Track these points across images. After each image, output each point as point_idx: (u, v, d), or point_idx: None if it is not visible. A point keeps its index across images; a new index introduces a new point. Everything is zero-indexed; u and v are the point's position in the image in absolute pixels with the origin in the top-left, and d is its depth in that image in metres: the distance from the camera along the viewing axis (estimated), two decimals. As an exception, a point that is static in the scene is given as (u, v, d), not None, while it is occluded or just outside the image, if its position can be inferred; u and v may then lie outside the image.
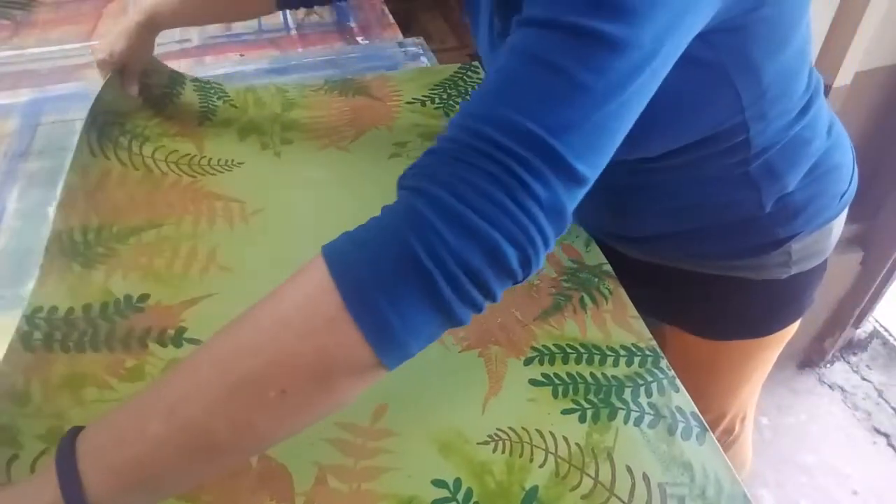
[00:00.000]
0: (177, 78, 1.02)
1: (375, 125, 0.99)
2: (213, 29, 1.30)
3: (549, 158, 0.39)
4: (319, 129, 0.98)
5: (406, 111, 1.02)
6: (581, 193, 0.43)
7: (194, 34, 1.28)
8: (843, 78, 1.28)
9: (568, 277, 0.77)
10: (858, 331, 1.95)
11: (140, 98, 0.95)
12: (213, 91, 1.03)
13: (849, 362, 1.96)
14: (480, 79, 1.11)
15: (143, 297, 0.72)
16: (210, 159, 0.91)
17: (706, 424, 0.64)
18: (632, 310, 0.74)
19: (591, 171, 0.42)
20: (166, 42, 1.25)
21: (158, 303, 0.71)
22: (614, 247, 0.84)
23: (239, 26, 1.32)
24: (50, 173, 0.90)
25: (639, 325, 0.72)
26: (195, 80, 1.04)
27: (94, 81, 1.09)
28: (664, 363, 0.69)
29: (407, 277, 0.38)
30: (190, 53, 1.22)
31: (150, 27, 0.87)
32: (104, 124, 0.88)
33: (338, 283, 0.39)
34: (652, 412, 0.64)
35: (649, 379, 0.67)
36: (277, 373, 0.40)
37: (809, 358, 1.96)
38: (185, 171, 0.88)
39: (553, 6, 0.41)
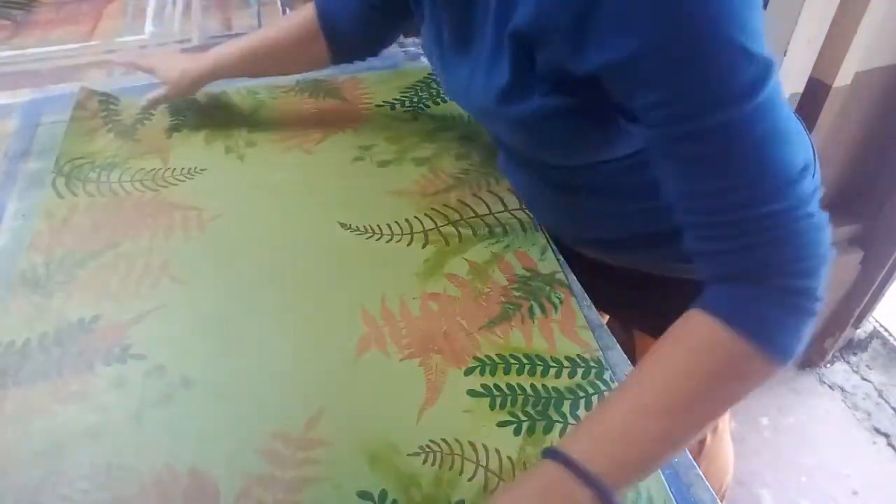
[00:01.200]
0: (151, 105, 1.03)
1: (342, 128, 0.98)
2: (214, 29, 1.31)
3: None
4: (285, 131, 0.97)
5: (374, 114, 1.01)
6: None
7: (194, 34, 1.28)
8: (843, 78, 1.25)
9: (519, 286, 0.76)
10: (858, 331, 1.90)
11: (111, 134, 0.97)
12: (184, 103, 1.03)
13: (849, 362, 1.92)
14: None
15: (95, 318, 0.71)
16: (174, 170, 0.91)
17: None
18: (581, 320, 0.72)
19: None
20: (167, 42, 1.25)
21: (108, 321, 0.71)
22: (579, 251, 0.83)
23: (239, 25, 1.32)
24: (49, 171, 0.90)
25: (587, 335, 0.71)
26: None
27: (94, 81, 1.11)
28: (608, 375, 0.67)
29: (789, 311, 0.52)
30: (190, 53, 1.22)
31: (209, 77, 0.94)
32: (73, 169, 0.90)
33: (736, 328, 0.51)
34: (589, 426, 0.63)
35: (591, 391, 0.66)
36: (704, 399, 0.52)
37: (809, 358, 1.92)
38: (148, 186, 0.88)
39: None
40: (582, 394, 0.65)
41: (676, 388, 0.52)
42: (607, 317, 1.13)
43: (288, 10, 1.34)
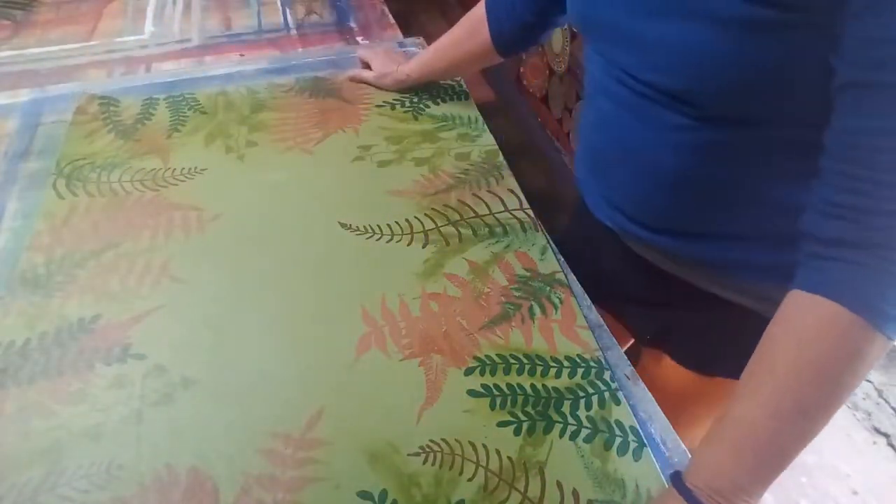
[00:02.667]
0: (150, 103, 1.04)
1: (342, 127, 0.98)
2: (214, 29, 1.30)
3: None
4: (285, 131, 0.97)
5: (374, 114, 1.01)
6: None
7: (194, 34, 1.28)
8: None
9: (519, 286, 0.75)
10: (859, 331, 1.90)
11: (111, 134, 0.97)
12: (184, 103, 1.04)
13: (849, 362, 1.92)
14: (453, 80, 1.10)
15: (95, 318, 0.71)
16: (174, 170, 0.90)
17: (645, 439, 0.62)
18: (581, 320, 0.72)
19: None
20: (167, 42, 1.25)
21: (108, 321, 0.71)
22: (640, 247, 0.77)
23: (239, 26, 1.31)
24: (50, 173, 0.90)
25: (586, 335, 0.71)
26: (169, 96, 1.05)
27: (94, 81, 1.11)
28: (608, 375, 0.67)
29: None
30: (190, 53, 1.22)
31: (403, 82, 1.05)
32: (73, 170, 0.90)
33: (859, 313, 0.50)
34: (590, 426, 0.63)
35: (591, 391, 0.66)
36: (829, 386, 0.52)
37: (810, 357, 1.92)
38: (148, 186, 0.88)
39: None
40: (582, 394, 0.65)
41: (807, 382, 0.51)
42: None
43: (288, 10, 1.34)
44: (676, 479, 0.54)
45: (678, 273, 0.76)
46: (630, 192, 0.72)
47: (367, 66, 1.11)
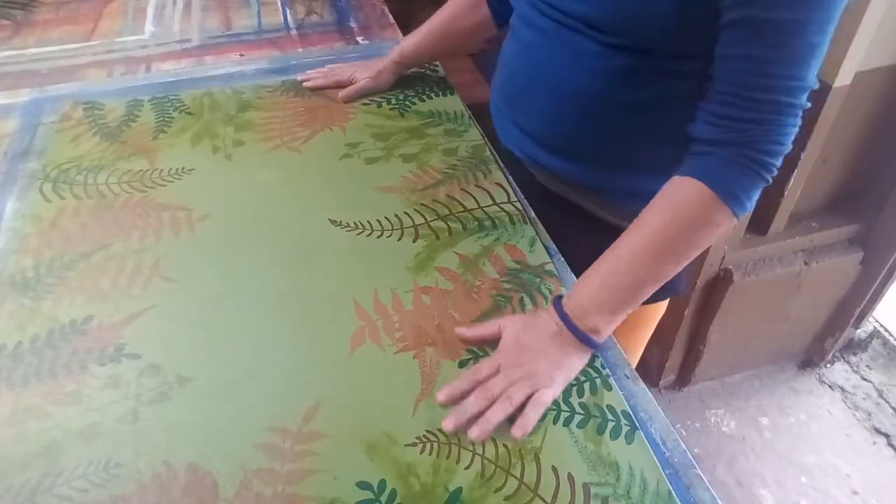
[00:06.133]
0: (135, 104, 1.08)
1: (329, 125, 1.02)
2: (214, 29, 1.34)
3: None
4: (272, 130, 1.01)
5: (361, 111, 1.05)
6: None
7: (194, 34, 1.32)
8: (843, 78, 1.30)
9: (509, 279, 0.80)
10: (858, 331, 1.96)
11: (96, 137, 1.01)
12: (169, 104, 1.08)
13: (849, 362, 1.97)
14: (438, 78, 1.15)
15: (87, 319, 0.75)
16: (161, 171, 0.94)
17: (637, 423, 0.67)
18: (571, 310, 0.77)
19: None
20: (167, 42, 1.29)
21: (101, 322, 0.75)
22: (535, 170, 0.93)
23: (239, 26, 1.35)
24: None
25: (577, 325, 0.75)
26: (153, 98, 1.09)
27: (94, 81, 1.15)
28: (599, 362, 0.72)
29: (751, 177, 0.70)
30: (190, 53, 1.26)
31: (397, 66, 1.11)
32: (59, 173, 0.94)
33: (719, 193, 0.70)
34: (582, 412, 0.67)
35: (582, 379, 0.70)
36: (683, 244, 0.72)
37: (809, 358, 1.97)
38: (136, 187, 0.92)
39: None
40: (574, 382, 0.70)
41: (669, 236, 0.71)
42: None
43: (288, 10, 1.38)
44: (557, 300, 0.74)
45: (571, 198, 0.92)
46: (540, 116, 0.87)
47: (344, 84, 1.12)
